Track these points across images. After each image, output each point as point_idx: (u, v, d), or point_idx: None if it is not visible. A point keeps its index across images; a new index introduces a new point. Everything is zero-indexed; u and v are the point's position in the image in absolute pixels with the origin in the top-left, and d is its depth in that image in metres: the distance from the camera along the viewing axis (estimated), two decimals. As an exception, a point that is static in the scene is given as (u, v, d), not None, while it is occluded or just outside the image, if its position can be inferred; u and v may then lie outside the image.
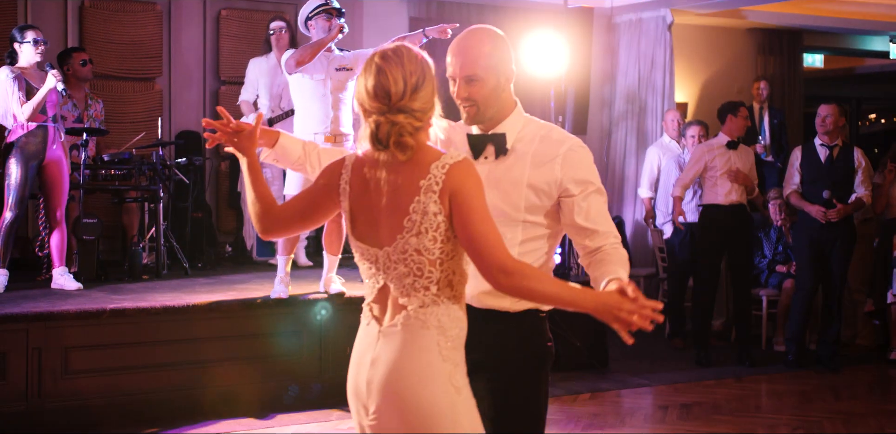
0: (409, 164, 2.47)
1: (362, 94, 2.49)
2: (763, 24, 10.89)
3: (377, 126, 2.45)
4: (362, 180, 2.52)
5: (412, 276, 2.47)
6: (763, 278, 8.11)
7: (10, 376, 5.25)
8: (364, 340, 2.54)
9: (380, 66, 2.47)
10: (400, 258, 2.47)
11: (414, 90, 2.45)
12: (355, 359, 2.55)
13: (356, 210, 2.53)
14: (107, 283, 6.52)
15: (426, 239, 2.45)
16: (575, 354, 6.79)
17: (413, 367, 2.46)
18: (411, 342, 2.46)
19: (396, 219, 2.47)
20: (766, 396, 6.67)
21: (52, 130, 6.22)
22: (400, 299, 2.48)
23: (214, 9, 8.63)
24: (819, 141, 7.22)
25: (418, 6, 9.32)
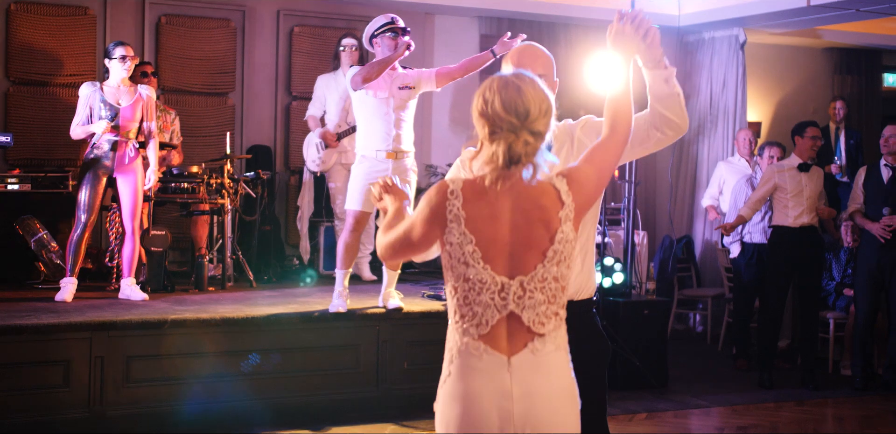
0: (535, 189, 2.53)
1: (496, 108, 2.51)
2: (840, 44, 10.73)
3: (510, 145, 2.49)
4: (484, 207, 2.53)
5: (547, 304, 2.53)
6: (831, 301, 7.97)
7: (73, 384, 5.40)
8: (484, 373, 2.51)
9: (519, 86, 2.53)
10: (538, 286, 2.52)
11: (546, 113, 2.54)
12: (478, 393, 2.50)
13: (480, 238, 2.52)
14: (172, 295, 6.67)
15: (564, 266, 2.54)
16: (634, 373, 6.74)
17: (563, 391, 2.55)
18: (556, 366, 2.54)
19: (538, 245, 2.52)
20: (827, 421, 6.54)
21: (123, 145, 6.40)
22: (535, 327, 2.52)
23: (287, 25, 8.81)
24: (884, 161, 7.15)
25: (489, 23, 9.39)
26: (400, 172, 5.93)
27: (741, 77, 9.70)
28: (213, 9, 8.55)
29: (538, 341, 2.52)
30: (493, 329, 2.52)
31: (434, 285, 7.14)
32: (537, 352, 2.52)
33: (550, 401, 2.52)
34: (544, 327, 2.53)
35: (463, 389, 2.52)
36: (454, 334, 2.58)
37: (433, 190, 2.59)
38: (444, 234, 2.53)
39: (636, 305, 7.03)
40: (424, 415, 5.82)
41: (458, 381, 2.53)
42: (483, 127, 2.54)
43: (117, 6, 8.27)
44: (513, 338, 2.52)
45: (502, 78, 2.55)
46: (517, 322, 2.52)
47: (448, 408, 2.54)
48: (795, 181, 7.34)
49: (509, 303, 2.51)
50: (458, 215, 2.51)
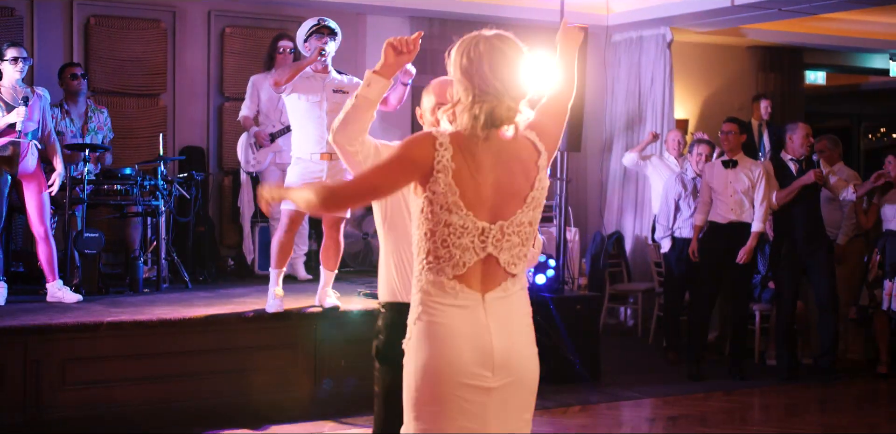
0: (513, 142, 2.67)
1: (483, 73, 2.60)
2: (763, 42, 11.01)
3: (493, 108, 2.60)
4: (469, 158, 2.62)
5: (520, 246, 2.69)
6: (756, 293, 8.19)
7: (7, 388, 5.36)
8: (461, 309, 2.62)
9: (504, 51, 2.62)
10: (515, 230, 2.66)
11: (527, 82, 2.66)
12: (459, 330, 2.60)
13: (464, 187, 2.61)
14: (107, 297, 6.65)
15: (538, 211, 2.71)
16: (567, 368, 6.87)
17: (528, 327, 2.74)
18: (523, 304, 2.74)
19: (518, 194, 2.66)
20: (753, 409, 6.74)
21: (24, 146, 6.26)
22: (509, 268, 2.67)
23: (219, 26, 8.80)
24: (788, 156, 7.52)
25: (421, 23, 9.46)
26: (335, 173, 5.98)
27: (668, 75, 9.91)
28: (142, 9, 8.51)
29: (510, 281, 2.68)
30: (468, 270, 2.64)
31: (370, 284, 7.20)
32: (508, 290, 2.68)
33: (522, 336, 2.70)
34: (516, 268, 2.69)
35: (440, 323, 2.62)
36: (425, 273, 2.67)
37: (416, 141, 2.65)
38: (429, 183, 2.62)
39: (568, 301, 7.17)
40: (363, 411, 5.90)
41: (434, 316, 2.64)
42: (465, 88, 2.62)
43: (44, 7, 8.19)
44: (487, 278, 2.66)
45: (488, 41, 2.64)
46: (493, 263, 2.66)
47: (426, 342, 2.63)
48: (721, 178, 7.51)
49: (488, 246, 2.64)
50: (447, 166, 2.60)
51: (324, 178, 5.94)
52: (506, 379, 2.65)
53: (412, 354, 2.67)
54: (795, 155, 7.44)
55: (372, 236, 8.61)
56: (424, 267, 2.67)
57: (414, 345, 2.66)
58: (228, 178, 8.71)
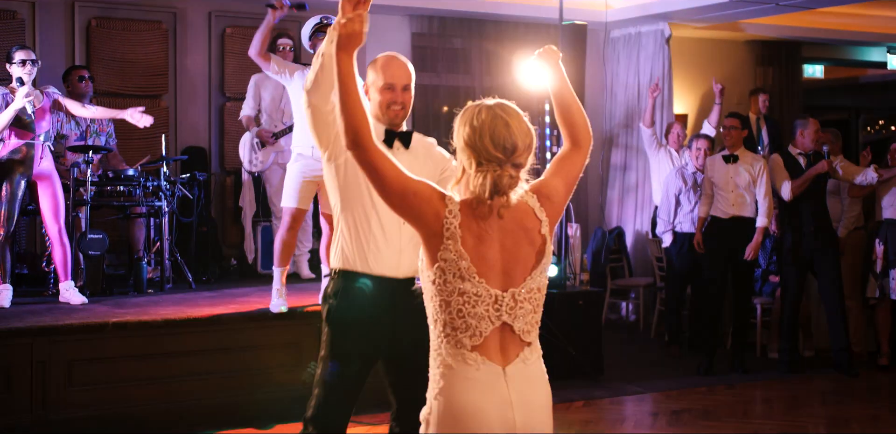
0: (516, 211, 2.68)
1: (486, 142, 2.61)
2: (761, 37, 11.03)
3: (497, 178, 2.61)
4: (478, 227, 2.64)
5: (533, 313, 2.70)
6: (757, 287, 8.23)
7: (14, 389, 5.41)
8: (483, 384, 2.61)
9: (507, 122, 2.64)
10: (526, 297, 2.67)
11: (529, 147, 2.67)
12: (482, 407, 2.60)
13: (473, 256, 2.63)
14: (112, 297, 6.69)
15: (545, 277, 2.73)
16: (570, 363, 6.91)
17: (548, 398, 2.74)
18: (542, 374, 2.73)
19: (526, 261, 2.67)
20: (756, 402, 6.79)
21: (38, 147, 6.34)
22: (524, 336, 2.67)
23: (219, 27, 8.83)
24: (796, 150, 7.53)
25: (420, 22, 9.51)
26: (335, 171, 6.03)
27: (667, 70, 9.94)
28: (143, 11, 8.55)
29: (527, 350, 2.68)
30: (485, 340, 2.64)
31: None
32: (527, 361, 2.68)
33: (543, 408, 2.71)
34: (531, 335, 2.70)
35: (465, 401, 2.62)
36: (444, 346, 2.67)
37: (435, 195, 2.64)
38: (439, 251, 2.64)
39: (571, 297, 7.21)
40: (368, 409, 5.93)
41: (457, 393, 2.63)
42: (469, 157, 2.66)
43: (46, 10, 8.23)
44: (505, 348, 2.66)
45: (490, 110, 2.66)
46: (509, 332, 2.66)
47: (448, 421, 2.64)
48: (723, 173, 7.54)
49: (503, 314, 2.65)
50: (455, 233, 2.62)
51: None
52: None
53: (433, 429, 2.68)
54: (805, 149, 7.47)
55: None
56: (443, 340, 2.68)
57: (435, 421, 2.67)
58: (230, 178, 8.75)
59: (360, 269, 3.57)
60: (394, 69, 3.63)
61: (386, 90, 3.62)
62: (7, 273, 6.35)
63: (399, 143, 3.65)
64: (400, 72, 3.64)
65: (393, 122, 3.65)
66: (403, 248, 3.60)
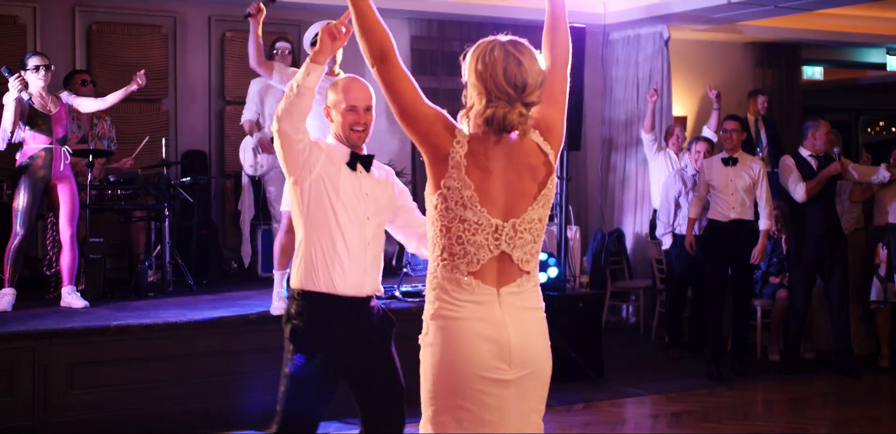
0: (522, 147, 2.73)
1: (498, 79, 2.63)
2: (760, 38, 11.04)
3: (504, 114, 2.65)
4: (481, 158, 2.69)
5: (532, 243, 2.74)
6: (757, 288, 8.23)
7: (17, 392, 5.43)
8: (477, 305, 2.67)
9: (520, 60, 2.65)
10: (527, 227, 2.72)
11: (540, 85, 2.69)
12: (476, 324, 2.66)
13: (477, 186, 2.67)
14: (113, 301, 6.71)
15: (547, 208, 2.76)
16: (570, 365, 6.92)
17: (542, 322, 2.78)
18: (537, 299, 2.78)
19: (528, 193, 2.72)
20: (757, 404, 6.81)
21: (57, 152, 6.44)
22: (522, 265, 2.71)
23: (219, 31, 8.86)
24: (807, 152, 7.50)
25: (420, 25, 9.53)
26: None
27: (666, 73, 9.96)
28: (144, 16, 8.57)
29: (524, 278, 2.73)
30: (482, 267, 2.69)
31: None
32: (522, 286, 2.73)
33: (537, 329, 2.75)
34: (529, 265, 2.74)
35: (457, 318, 2.67)
36: (440, 270, 2.72)
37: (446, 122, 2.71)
38: (443, 179, 2.68)
39: (570, 299, 7.22)
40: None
41: (450, 311, 2.68)
42: (480, 93, 2.67)
43: (47, 14, 8.26)
44: (501, 275, 2.70)
45: (503, 46, 2.67)
46: (507, 260, 2.70)
47: (444, 338, 2.68)
48: (721, 175, 7.54)
49: (502, 243, 2.69)
50: (460, 162, 2.67)
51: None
52: (522, 371, 2.70)
53: (429, 350, 2.72)
54: (816, 151, 7.46)
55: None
56: (439, 264, 2.72)
57: (431, 340, 2.71)
58: (230, 182, 8.77)
59: (325, 289, 3.59)
60: (356, 91, 3.68)
61: (349, 112, 3.66)
62: (15, 277, 6.39)
63: (361, 166, 3.67)
64: (362, 93, 3.68)
65: (356, 143, 3.68)
66: (367, 269, 3.64)
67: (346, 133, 3.67)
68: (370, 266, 3.66)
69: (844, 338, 7.43)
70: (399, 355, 6.24)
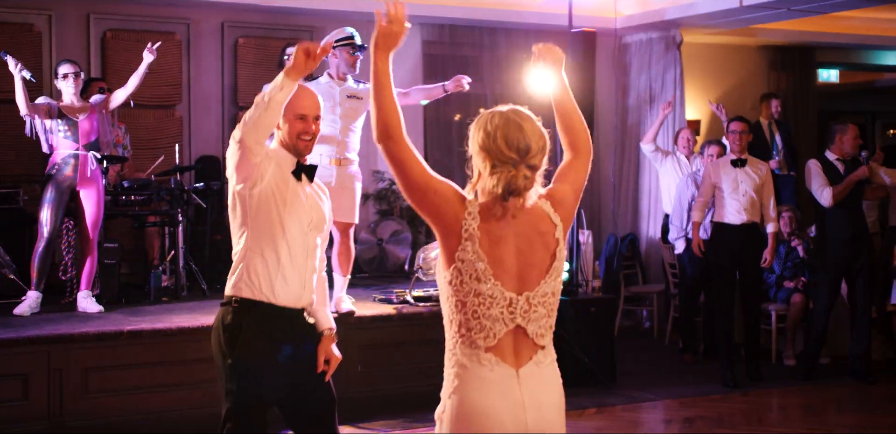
0: (531, 214, 2.73)
1: (500, 145, 2.67)
2: (774, 42, 11.03)
3: (513, 178, 2.67)
4: (495, 229, 2.69)
5: (546, 317, 2.74)
6: (772, 293, 8.21)
7: (32, 396, 5.48)
8: (497, 385, 2.66)
9: (520, 124, 2.70)
10: (540, 301, 2.71)
11: (542, 149, 2.72)
12: (495, 407, 2.64)
13: (490, 258, 2.68)
14: (127, 306, 6.74)
15: (559, 281, 2.77)
16: (583, 370, 6.90)
17: (560, 399, 2.77)
18: (555, 377, 2.76)
19: (540, 265, 2.72)
20: (771, 410, 6.77)
21: (83, 158, 6.50)
22: (537, 340, 2.71)
23: (232, 37, 8.90)
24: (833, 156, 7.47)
25: (432, 30, 9.55)
26: (344, 179, 6.10)
27: (679, 76, 9.96)
28: (157, 22, 8.62)
29: (540, 353, 2.72)
30: (499, 342, 2.69)
31: (385, 289, 7.28)
32: (540, 364, 2.72)
33: (554, 410, 2.74)
34: (544, 339, 2.74)
35: (478, 400, 2.66)
36: (459, 346, 2.71)
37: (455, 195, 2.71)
38: (457, 252, 2.69)
39: (583, 303, 7.22)
40: (379, 416, 5.98)
41: (470, 391, 2.67)
42: (484, 160, 2.71)
43: (62, 22, 8.32)
44: (518, 350, 2.70)
45: (503, 115, 2.73)
46: (522, 335, 2.70)
47: (461, 420, 2.67)
48: (731, 178, 7.49)
49: (517, 316, 2.69)
50: (474, 235, 2.68)
51: (333, 183, 6.05)
52: None
53: (447, 428, 2.72)
54: (843, 155, 7.42)
55: (387, 242, 8.69)
56: (458, 340, 2.72)
57: (448, 420, 2.71)
58: (244, 187, 8.79)
59: (265, 298, 3.53)
60: (305, 99, 3.61)
61: (297, 120, 3.59)
62: (42, 281, 6.44)
63: (305, 176, 3.62)
64: (311, 102, 3.63)
65: (302, 152, 3.62)
66: (307, 280, 3.60)
67: (294, 141, 3.59)
68: (309, 278, 3.61)
69: (864, 343, 7.38)
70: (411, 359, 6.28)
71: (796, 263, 8.16)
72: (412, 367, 6.29)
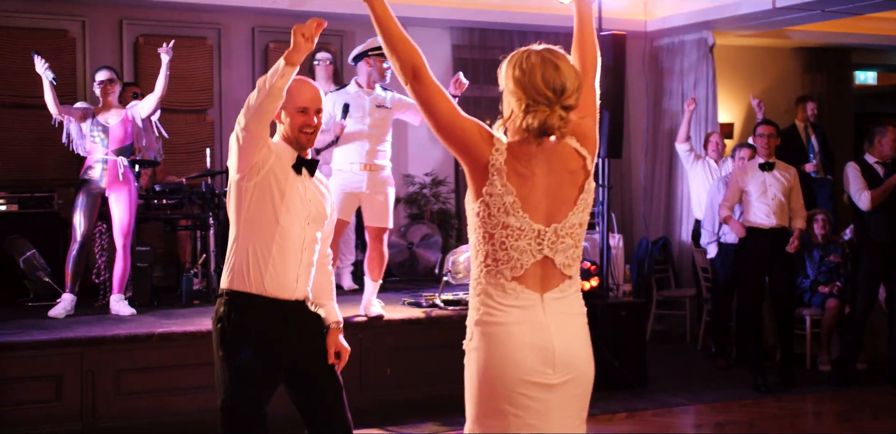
0: (560, 151, 2.77)
1: (536, 84, 2.69)
2: (809, 43, 10.93)
3: (546, 118, 2.69)
4: (522, 165, 2.72)
5: (574, 247, 2.79)
6: (806, 298, 8.12)
7: (65, 397, 5.54)
8: (522, 310, 2.70)
9: (556, 64, 2.71)
10: (568, 232, 2.76)
11: (577, 89, 2.73)
12: (520, 329, 2.69)
13: (519, 192, 2.71)
14: (159, 309, 6.80)
15: (587, 212, 2.81)
16: (613, 374, 6.87)
17: (584, 327, 2.81)
18: (580, 305, 2.81)
19: (569, 198, 2.76)
20: (804, 416, 6.69)
21: (112, 163, 6.58)
22: (565, 270, 2.76)
23: (262, 42, 8.96)
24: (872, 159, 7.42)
25: (461, 34, 9.56)
26: (375, 184, 6.12)
27: (711, 79, 9.90)
28: (189, 28, 8.69)
29: (566, 283, 2.77)
30: (526, 272, 2.72)
31: (415, 293, 7.29)
32: (565, 291, 2.77)
33: (579, 335, 2.77)
34: (571, 269, 2.78)
35: (502, 323, 2.70)
36: (484, 277, 2.75)
37: (482, 131, 2.74)
38: (484, 186, 2.72)
39: (613, 307, 7.18)
40: (409, 419, 5.98)
41: (495, 317, 2.71)
42: (518, 99, 2.72)
43: (96, 28, 8.41)
44: (544, 280, 2.74)
45: (539, 53, 2.73)
46: (549, 265, 2.74)
47: (488, 343, 2.70)
48: (758, 181, 7.42)
49: (544, 248, 2.73)
50: (501, 169, 2.71)
51: (364, 189, 6.08)
52: (566, 376, 2.71)
53: (474, 355, 2.74)
54: (883, 158, 7.36)
55: (417, 246, 8.69)
56: (483, 270, 2.75)
57: (475, 345, 2.74)
58: (275, 191, 8.83)
59: (255, 290, 3.53)
60: (307, 93, 3.62)
61: (299, 114, 3.60)
62: (76, 284, 6.52)
63: (306, 170, 3.62)
64: (312, 95, 3.63)
65: (304, 146, 3.62)
66: (301, 274, 3.59)
67: (296, 135, 3.60)
68: (303, 271, 3.61)
69: None
70: (440, 362, 6.27)
71: (831, 268, 8.08)
72: (441, 371, 6.27)
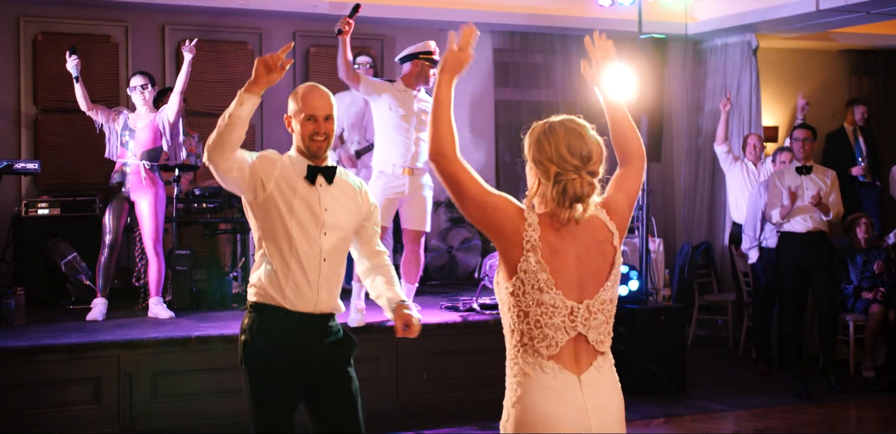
0: (589, 223, 2.77)
1: (563, 153, 2.71)
2: (855, 46, 10.77)
3: (577, 184, 2.71)
4: (555, 239, 2.73)
5: (605, 323, 2.79)
6: (850, 303, 8.01)
7: (104, 400, 5.61)
8: (560, 392, 2.69)
9: (580, 132, 2.76)
10: (599, 308, 2.76)
11: (601, 158, 2.77)
12: (558, 414, 2.68)
13: (552, 268, 2.71)
14: (198, 312, 6.85)
15: (617, 289, 2.82)
16: (652, 379, 6.82)
17: (621, 404, 2.82)
18: (615, 382, 2.81)
19: (599, 271, 2.76)
20: (846, 422, 6.60)
21: (135, 168, 6.67)
22: (598, 346, 2.76)
23: (303, 46, 9.01)
24: None
25: (503, 38, 9.55)
26: (416, 188, 6.13)
27: (755, 82, 9.79)
28: (230, 32, 8.77)
29: (600, 359, 2.77)
30: (561, 350, 2.72)
31: (452, 297, 7.28)
32: (601, 369, 2.77)
33: (617, 414, 2.78)
34: (604, 345, 2.78)
35: (542, 408, 2.69)
36: (521, 355, 2.74)
37: (512, 209, 2.73)
38: (519, 262, 2.71)
39: (652, 312, 7.13)
40: (445, 423, 5.97)
41: (534, 400, 2.70)
42: (546, 170, 2.74)
43: (138, 33, 8.52)
44: (579, 357, 2.74)
45: (562, 123, 2.78)
46: (583, 342, 2.74)
47: (529, 427, 2.70)
48: (795, 185, 7.33)
49: (578, 324, 2.73)
50: (536, 246, 2.71)
51: (405, 192, 6.10)
52: None
53: None
54: None
55: (457, 250, 8.69)
56: (520, 349, 2.75)
57: (513, 428, 2.73)
58: (316, 195, 8.87)
59: (277, 303, 3.53)
60: (314, 100, 3.60)
61: (308, 121, 3.58)
62: (107, 288, 6.60)
63: (322, 178, 3.60)
64: (321, 102, 3.61)
65: (316, 154, 3.59)
66: (321, 287, 3.56)
67: (307, 143, 3.58)
68: (325, 282, 3.58)
69: None
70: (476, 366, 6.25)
71: (875, 274, 7.95)
72: (478, 375, 6.27)
